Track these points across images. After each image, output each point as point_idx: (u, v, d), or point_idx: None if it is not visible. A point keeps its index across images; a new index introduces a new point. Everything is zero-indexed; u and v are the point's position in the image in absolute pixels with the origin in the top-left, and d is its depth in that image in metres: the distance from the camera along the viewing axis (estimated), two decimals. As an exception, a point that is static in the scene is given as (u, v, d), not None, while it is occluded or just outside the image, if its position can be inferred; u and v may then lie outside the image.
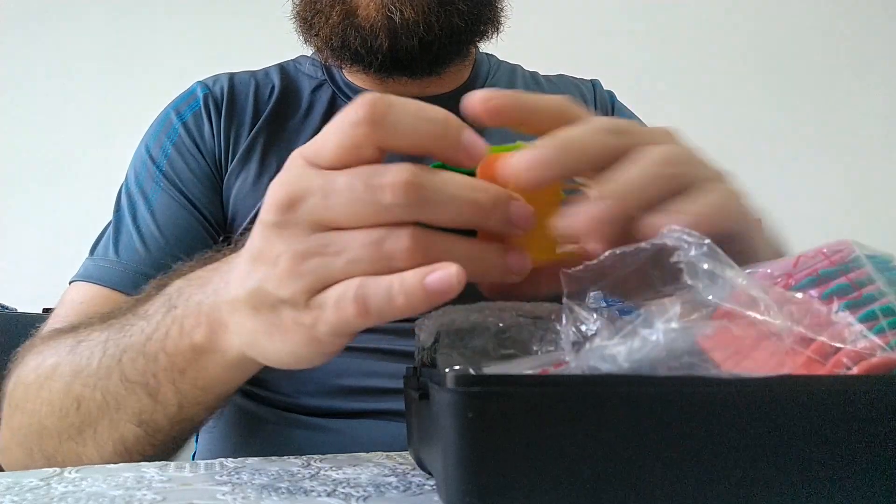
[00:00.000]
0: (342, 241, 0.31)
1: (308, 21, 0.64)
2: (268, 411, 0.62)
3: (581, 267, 0.33)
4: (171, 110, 0.69)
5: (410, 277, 0.30)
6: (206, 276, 0.41)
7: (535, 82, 0.75)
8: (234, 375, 0.42)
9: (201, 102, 0.68)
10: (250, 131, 0.66)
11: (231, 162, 0.65)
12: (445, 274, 0.29)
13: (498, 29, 0.68)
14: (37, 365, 0.49)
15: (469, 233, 0.33)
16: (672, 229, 0.30)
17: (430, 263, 0.30)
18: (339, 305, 0.31)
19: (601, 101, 0.74)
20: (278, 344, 0.35)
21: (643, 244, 0.31)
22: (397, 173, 0.30)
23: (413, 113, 0.31)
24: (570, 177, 0.33)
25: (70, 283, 0.62)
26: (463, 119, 0.33)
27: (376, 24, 0.60)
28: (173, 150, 0.66)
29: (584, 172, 0.32)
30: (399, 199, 0.30)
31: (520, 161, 0.31)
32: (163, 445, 0.46)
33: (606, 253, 0.32)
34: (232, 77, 0.70)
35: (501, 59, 0.78)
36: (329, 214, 0.31)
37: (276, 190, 0.33)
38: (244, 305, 0.35)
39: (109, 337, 0.45)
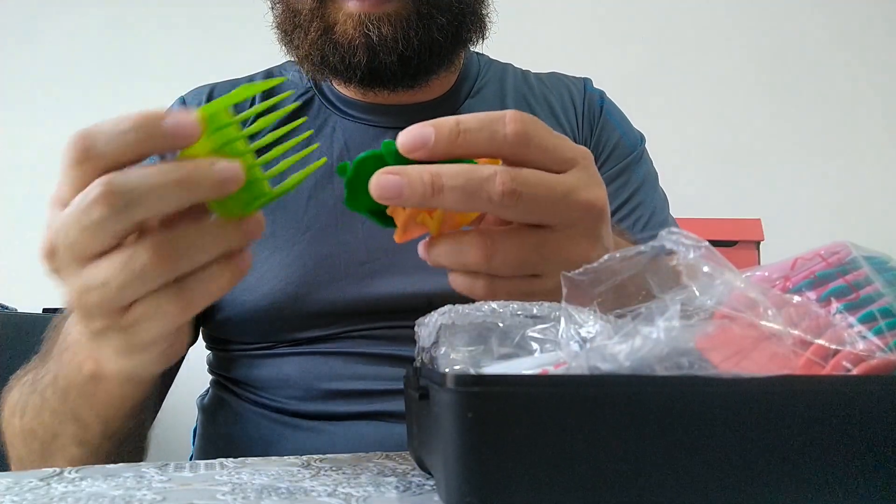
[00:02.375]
0: (97, 273, 0.34)
1: (288, 34, 0.64)
2: (261, 414, 0.62)
3: (580, 270, 0.33)
4: None
5: None
6: None
7: (525, 81, 0.75)
8: (134, 389, 0.46)
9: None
10: None
11: None
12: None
13: (483, 36, 0.67)
14: (11, 402, 0.54)
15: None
16: (671, 231, 0.31)
17: (177, 262, 0.34)
18: (160, 315, 0.35)
19: (590, 100, 0.74)
20: (119, 360, 0.39)
21: (642, 247, 0.31)
22: (94, 189, 0.32)
23: (108, 136, 0.33)
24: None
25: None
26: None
27: (354, 41, 0.60)
28: None
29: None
30: (105, 211, 0.32)
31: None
32: (112, 455, 0.50)
33: (606, 256, 0.33)
34: (212, 90, 0.70)
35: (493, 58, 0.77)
36: (77, 249, 0.34)
37: (41, 244, 0.36)
38: (86, 335, 0.39)
39: (36, 376, 0.51)
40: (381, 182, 0.34)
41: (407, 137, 0.35)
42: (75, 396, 0.47)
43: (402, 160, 0.35)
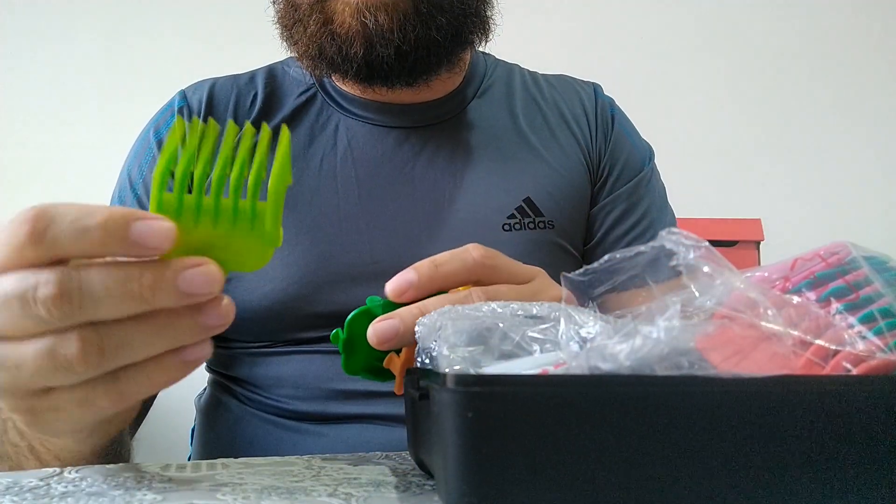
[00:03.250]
0: (15, 355, 0.30)
1: (288, 29, 0.64)
2: (259, 416, 0.62)
3: (581, 271, 0.33)
4: (150, 127, 0.69)
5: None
6: None
7: (534, 83, 0.75)
8: (82, 446, 0.42)
9: (175, 118, 0.67)
10: None
11: None
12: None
13: (487, 37, 0.67)
14: None
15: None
16: (671, 231, 0.31)
17: (110, 360, 0.30)
18: (84, 404, 0.31)
19: (601, 108, 0.74)
20: (49, 440, 0.37)
21: (642, 248, 0.31)
22: (46, 286, 0.29)
23: (71, 225, 0.29)
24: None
25: None
26: (458, 125, 0.35)
27: (351, 31, 0.60)
28: (148, 173, 0.66)
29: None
30: (55, 314, 0.29)
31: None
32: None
33: (606, 257, 0.33)
34: (213, 85, 0.70)
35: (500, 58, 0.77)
36: (1, 327, 0.30)
37: None
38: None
39: None
40: (378, 329, 0.38)
41: (395, 284, 0.40)
42: (14, 451, 0.43)
43: (388, 310, 0.40)
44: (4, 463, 0.46)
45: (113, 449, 0.46)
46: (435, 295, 0.41)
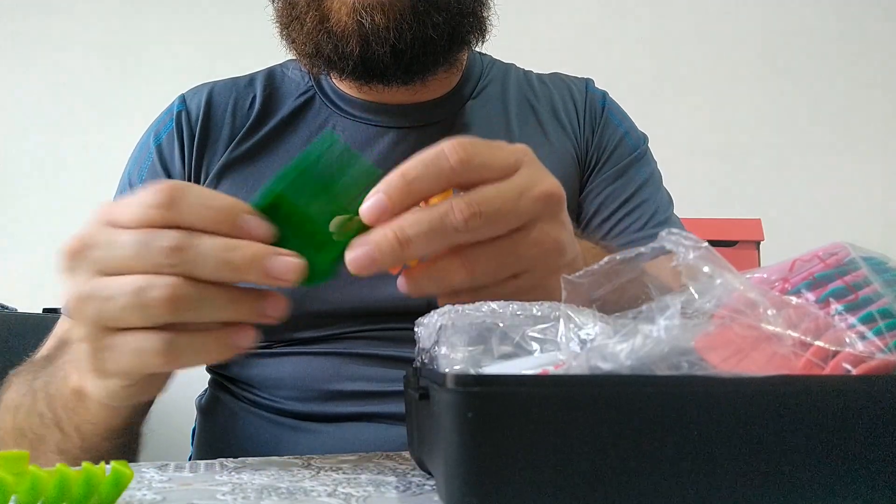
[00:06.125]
0: (111, 285, 0.36)
1: (286, 27, 0.65)
2: (259, 415, 0.62)
3: (581, 273, 0.33)
4: (150, 132, 0.70)
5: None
6: None
7: (527, 82, 0.75)
8: (109, 415, 0.45)
9: (174, 122, 0.68)
10: (227, 147, 0.66)
11: (203, 183, 0.65)
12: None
13: (483, 37, 0.67)
14: (7, 399, 0.54)
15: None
16: (671, 232, 0.31)
17: (184, 311, 0.35)
18: (139, 353, 0.36)
19: (591, 100, 0.74)
20: (97, 381, 0.40)
21: (642, 249, 0.31)
22: (169, 238, 0.35)
23: (199, 201, 0.36)
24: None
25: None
26: (455, 126, 0.35)
27: (347, 29, 0.60)
28: (147, 177, 0.67)
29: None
30: (169, 259, 0.35)
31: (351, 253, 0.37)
32: None
33: (606, 259, 0.33)
34: (212, 89, 0.70)
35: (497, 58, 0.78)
36: (109, 263, 0.36)
37: (69, 240, 0.37)
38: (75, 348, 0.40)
39: (35, 376, 0.52)
40: (354, 258, 0.36)
41: (370, 211, 0.36)
42: (59, 406, 0.47)
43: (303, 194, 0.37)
44: (25, 439, 0.49)
45: (128, 430, 0.49)
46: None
